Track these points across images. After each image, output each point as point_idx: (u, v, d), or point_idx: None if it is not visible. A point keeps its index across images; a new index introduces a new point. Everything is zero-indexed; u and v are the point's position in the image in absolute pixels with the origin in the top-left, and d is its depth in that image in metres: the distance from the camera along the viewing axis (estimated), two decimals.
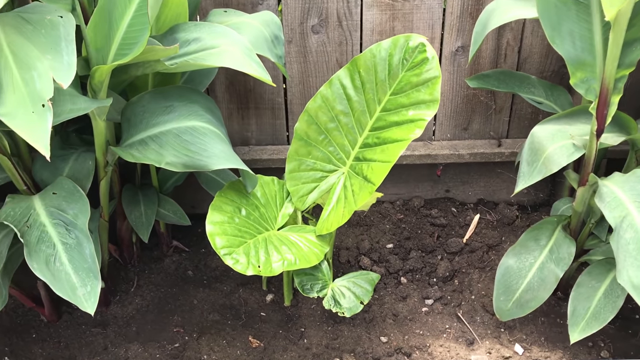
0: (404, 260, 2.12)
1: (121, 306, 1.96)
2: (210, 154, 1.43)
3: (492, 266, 2.09)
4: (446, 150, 2.17)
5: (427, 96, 1.50)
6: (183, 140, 1.45)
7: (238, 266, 1.42)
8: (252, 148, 2.20)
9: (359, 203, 1.51)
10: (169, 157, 1.42)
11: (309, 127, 1.64)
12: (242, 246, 1.47)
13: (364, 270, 1.65)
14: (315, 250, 1.59)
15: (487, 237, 2.19)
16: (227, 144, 1.49)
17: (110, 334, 1.87)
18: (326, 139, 1.65)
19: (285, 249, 1.53)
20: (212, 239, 1.44)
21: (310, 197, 1.69)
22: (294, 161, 1.66)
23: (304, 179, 1.67)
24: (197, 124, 1.47)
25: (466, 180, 2.31)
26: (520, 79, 1.86)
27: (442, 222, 2.25)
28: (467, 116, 2.17)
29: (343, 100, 1.61)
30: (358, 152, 1.62)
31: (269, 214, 1.63)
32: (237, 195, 1.58)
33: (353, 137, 1.63)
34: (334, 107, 1.62)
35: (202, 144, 1.45)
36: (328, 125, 1.64)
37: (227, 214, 1.52)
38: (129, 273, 2.08)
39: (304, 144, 1.65)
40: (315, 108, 1.62)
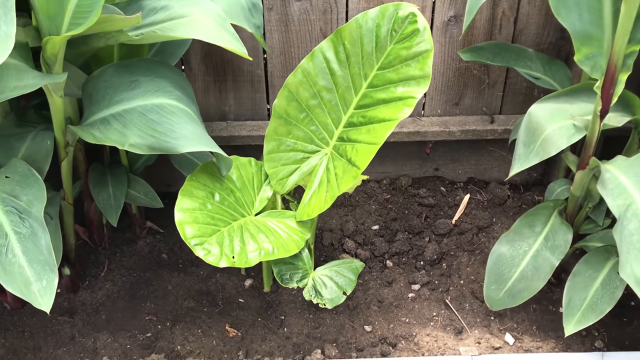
0: (390, 242, 2.02)
1: (90, 292, 1.85)
2: (179, 135, 1.30)
3: (482, 249, 2.00)
4: (436, 127, 2.05)
5: (418, 72, 1.37)
6: (149, 120, 1.31)
7: (210, 257, 1.30)
8: (230, 124, 2.07)
9: (343, 188, 1.39)
10: (133, 138, 1.29)
11: (288, 104, 1.51)
12: (215, 235, 1.35)
13: (347, 258, 1.54)
14: (296, 238, 1.47)
15: (477, 218, 2.09)
16: (198, 123, 1.36)
17: (78, 323, 1.76)
18: (308, 117, 1.53)
19: (263, 237, 1.42)
20: (182, 228, 1.32)
21: (290, 179, 1.57)
22: (273, 141, 1.53)
23: (283, 160, 1.55)
24: (165, 102, 1.34)
25: (456, 159, 2.20)
26: (516, 52, 1.74)
27: (430, 202, 2.15)
28: (458, 91, 2.05)
29: (326, 75, 1.48)
30: (342, 131, 1.50)
31: (246, 198, 1.51)
32: (210, 179, 1.45)
33: (337, 115, 1.51)
34: (316, 83, 1.49)
35: (170, 123, 1.31)
36: (310, 102, 1.51)
37: (198, 200, 1.39)
38: (99, 256, 1.96)
39: (284, 122, 1.52)
40: (296, 83, 1.49)
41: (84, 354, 1.67)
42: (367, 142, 1.40)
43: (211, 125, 2.06)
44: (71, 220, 1.71)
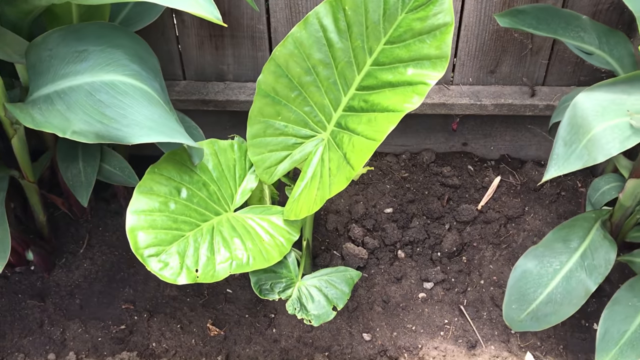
0: (404, 229, 1.77)
1: (66, 271, 1.68)
2: (131, 122, 1.06)
3: (509, 243, 1.73)
4: (466, 98, 1.75)
5: (433, 50, 1.09)
6: (97, 101, 1.08)
7: (166, 272, 1.09)
8: (228, 85, 1.81)
9: (334, 189, 1.14)
10: (78, 123, 1.06)
11: (276, 81, 1.24)
12: (176, 242, 1.13)
13: (341, 266, 1.31)
14: (280, 240, 1.24)
15: (506, 205, 1.81)
16: (160, 105, 1.12)
17: (49, 307, 1.59)
18: (300, 96, 1.26)
19: (238, 242, 1.19)
20: (133, 236, 1.10)
21: (280, 167, 1.32)
22: (258, 124, 1.28)
23: (271, 145, 1.30)
24: (117, 79, 1.09)
25: (488, 133, 1.90)
26: (566, 18, 1.41)
27: (454, 182, 1.87)
28: (495, 56, 1.73)
29: (323, 46, 1.21)
30: (341, 116, 1.23)
31: (223, 191, 1.28)
32: (177, 171, 1.22)
33: (335, 95, 1.24)
34: (311, 55, 1.22)
35: (122, 106, 1.07)
36: (303, 79, 1.24)
37: (159, 199, 1.17)
38: (79, 229, 1.78)
39: (271, 101, 1.26)
40: (286, 55, 1.22)
41: (49, 346, 1.51)
42: (366, 135, 1.13)
43: (207, 86, 1.81)
44: (36, 197, 1.52)
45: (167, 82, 1.81)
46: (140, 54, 1.16)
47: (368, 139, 1.12)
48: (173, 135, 1.09)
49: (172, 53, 1.78)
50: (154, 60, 1.20)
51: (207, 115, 1.86)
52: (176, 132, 1.11)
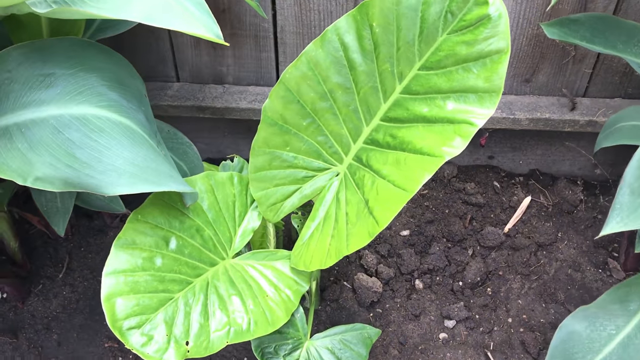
0: (423, 254, 1.58)
1: (43, 300, 1.49)
2: (107, 167, 0.86)
3: (539, 274, 1.55)
4: (497, 111, 1.54)
5: (482, 82, 0.88)
6: (65, 140, 0.87)
7: (150, 349, 0.90)
8: (227, 89, 1.60)
9: (353, 243, 0.95)
10: (41, 167, 0.86)
11: (286, 107, 1.04)
12: (163, 308, 0.94)
13: (358, 324, 1.12)
14: (287, 294, 1.05)
15: (537, 230, 1.62)
16: (144, 143, 0.91)
17: (22, 344, 1.41)
18: (313, 124, 1.06)
19: (237, 301, 1.00)
20: (109, 306, 0.91)
21: (287, 204, 1.12)
22: (262, 155, 1.08)
23: (277, 179, 1.10)
24: (91, 112, 0.89)
25: (518, 146, 1.70)
26: (628, 31, 1.19)
27: (478, 200, 1.68)
28: (532, 64, 1.52)
29: (343, 68, 1.00)
30: (362, 149, 1.03)
31: (221, 234, 1.08)
32: (164, 215, 1.01)
33: (355, 124, 1.03)
34: (328, 78, 1.01)
35: (96, 148, 0.87)
36: (317, 105, 1.03)
37: (142, 254, 0.97)
38: (59, 250, 1.58)
39: (278, 130, 1.06)
40: (298, 78, 1.01)
41: None
42: (393, 181, 0.93)
43: (204, 90, 1.59)
44: (5, 225, 1.32)
45: (159, 84, 1.60)
46: (120, 77, 0.95)
47: (396, 187, 0.92)
48: (161, 182, 0.89)
49: (164, 52, 1.56)
50: (138, 83, 0.99)
51: (203, 121, 1.65)
52: (165, 177, 0.91)
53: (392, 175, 0.94)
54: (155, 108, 1.57)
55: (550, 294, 1.51)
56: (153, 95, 1.57)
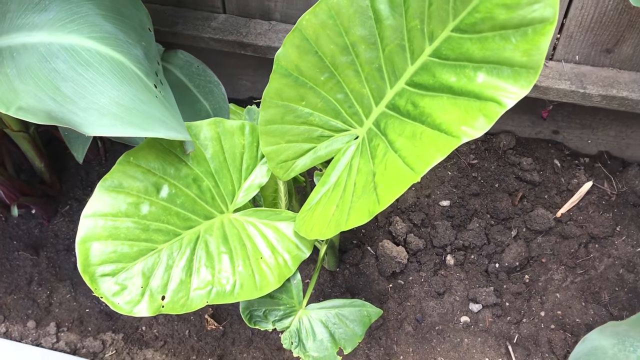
0: (460, 229, 1.46)
1: (68, 221, 1.50)
2: (90, 105, 0.80)
3: (586, 269, 1.40)
4: (566, 82, 1.36)
5: (519, 54, 0.74)
6: (51, 70, 0.81)
7: (120, 299, 0.85)
8: (274, 26, 1.50)
9: (352, 218, 0.85)
10: (26, 97, 0.81)
11: (302, 58, 0.93)
12: (143, 258, 0.89)
13: (358, 300, 1.03)
14: (284, 258, 0.98)
15: (593, 219, 1.45)
16: (136, 82, 0.84)
17: (42, 262, 1.43)
18: (333, 80, 0.94)
19: (226, 261, 0.93)
20: (83, 249, 0.87)
21: (299, 162, 1.04)
22: (274, 107, 0.98)
23: (290, 135, 1.01)
24: (79, 42, 0.82)
25: (588, 124, 1.52)
26: None
27: (533, 178, 1.52)
28: (617, 32, 1.31)
29: (368, 20, 0.87)
30: (382, 114, 0.92)
31: (223, 187, 1.01)
32: (160, 160, 0.95)
33: (378, 85, 0.92)
34: (351, 30, 0.89)
35: (81, 82, 0.81)
36: (337, 59, 0.92)
37: (128, 198, 0.91)
38: (90, 173, 1.58)
39: (293, 82, 0.95)
40: (316, 27, 0.90)
41: (32, 311, 1.35)
42: (404, 156, 0.82)
43: (248, 25, 1.50)
44: (27, 145, 1.31)
45: (204, 14, 1.51)
46: (119, 7, 0.87)
47: (405, 165, 0.80)
48: (148, 126, 0.82)
49: None
50: (142, 15, 0.91)
51: (248, 57, 1.56)
52: (155, 121, 0.83)
53: (404, 149, 0.83)
54: (197, 40, 1.49)
55: (594, 292, 1.36)
56: (196, 26, 1.49)
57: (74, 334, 1.31)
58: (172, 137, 0.85)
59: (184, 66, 1.28)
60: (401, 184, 0.79)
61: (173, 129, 0.86)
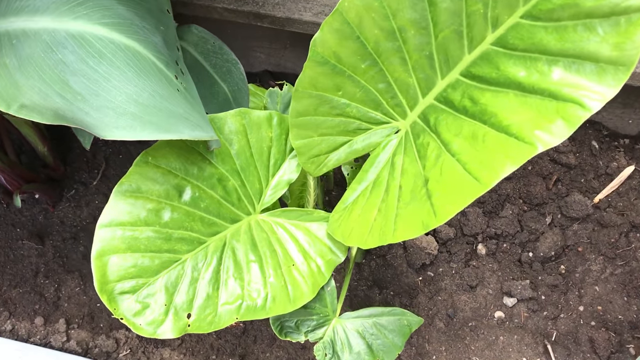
0: (492, 216, 1.38)
1: (74, 206, 1.40)
2: (104, 103, 0.69)
3: (627, 260, 1.32)
4: None
5: (608, 48, 0.63)
6: (58, 62, 0.70)
7: (142, 319, 0.76)
8: None
9: (400, 231, 0.76)
10: (29, 92, 0.70)
11: (341, 43, 0.82)
12: (166, 272, 0.80)
13: (397, 308, 0.95)
14: (318, 264, 0.89)
15: (635, 207, 1.37)
16: (156, 75, 0.73)
17: (49, 252, 1.34)
18: (374, 68, 0.84)
19: (256, 270, 0.84)
20: (100, 265, 0.77)
21: (332, 157, 0.94)
22: (308, 98, 0.87)
23: (323, 128, 0.90)
24: (91, 30, 0.71)
25: (631, 102, 1.41)
26: None
27: (569, 160, 1.42)
28: None
29: (420, 1, 0.76)
30: (431, 106, 0.81)
31: (249, 185, 0.91)
32: (181, 160, 0.85)
33: (427, 75, 0.81)
34: (399, 13, 0.77)
35: (93, 76, 0.70)
36: (382, 45, 0.81)
37: (148, 204, 0.81)
38: (97, 155, 1.48)
39: (330, 70, 0.84)
40: (359, 9, 0.78)
41: (39, 306, 1.27)
42: (465, 163, 0.72)
43: None
44: (27, 129, 1.20)
45: None
46: None
47: (467, 172, 0.70)
48: (171, 127, 0.72)
49: None
50: (165, 3, 0.79)
51: (263, 28, 1.44)
52: (178, 120, 0.73)
53: (464, 153, 0.73)
54: (210, 10, 1.37)
55: (637, 286, 1.28)
56: None
57: (85, 332, 1.23)
58: (198, 137, 0.74)
59: (199, 43, 1.16)
60: (463, 195, 0.69)
61: (198, 126, 0.75)
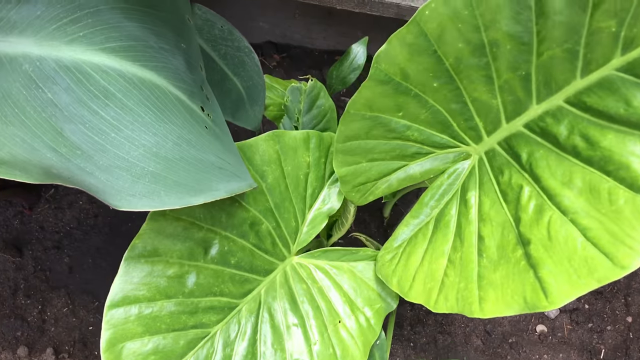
0: None
1: (55, 208, 1.22)
2: (114, 162, 0.51)
3: None
4: None
5: None
6: (48, 103, 0.51)
7: None
8: None
9: (489, 305, 0.61)
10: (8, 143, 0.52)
11: (412, 59, 0.64)
12: (193, 353, 0.63)
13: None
14: (367, 316, 0.74)
15: None
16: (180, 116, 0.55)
17: (28, 264, 1.16)
18: (449, 87, 0.66)
19: (298, 335, 0.69)
20: (112, 355, 0.60)
21: (382, 184, 0.77)
22: (360, 121, 0.70)
23: (374, 153, 0.73)
24: (91, 59, 0.51)
25: None
26: None
27: None
28: None
29: (525, 10, 0.58)
30: (519, 134, 0.65)
31: (285, 224, 0.74)
32: (208, 204, 0.67)
33: (517, 97, 0.64)
34: (496, 24, 0.59)
35: (98, 125, 0.51)
36: (464, 61, 0.63)
37: (168, 269, 0.64)
38: None
39: (392, 90, 0.67)
40: (444, 18, 0.60)
41: (21, 332, 1.10)
42: (585, 230, 0.56)
43: None
44: None
45: None
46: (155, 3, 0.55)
47: (592, 245, 0.55)
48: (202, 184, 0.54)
49: None
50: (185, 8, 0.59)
51: None
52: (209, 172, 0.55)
53: (582, 214, 0.57)
54: None
55: None
56: None
57: None
58: (236, 191, 0.57)
59: (204, 28, 0.96)
60: (589, 276, 0.54)
61: (234, 176, 0.58)
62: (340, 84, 1.07)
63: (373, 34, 1.29)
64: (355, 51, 1.06)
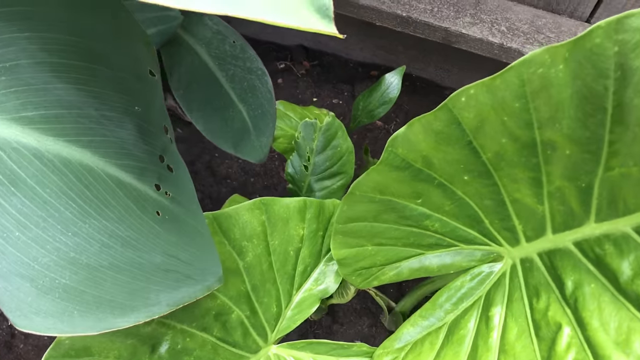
0: None
1: None
2: (13, 268, 0.38)
3: None
4: None
5: None
6: None
7: None
8: None
9: None
10: None
11: (439, 148, 0.49)
12: None
13: None
14: None
15: None
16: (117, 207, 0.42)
17: None
18: (484, 182, 0.51)
19: None
20: None
21: (390, 270, 0.63)
22: (366, 203, 0.56)
23: (383, 237, 0.60)
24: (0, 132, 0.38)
25: None
26: None
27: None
28: None
29: (598, 112, 0.42)
30: (565, 251, 0.50)
31: (264, 309, 0.61)
32: None
33: (570, 209, 0.49)
34: (552, 123, 0.44)
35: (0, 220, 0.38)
36: (506, 157, 0.49)
37: None
38: None
39: (409, 176, 0.52)
40: (486, 108, 0.45)
41: None
42: None
43: None
44: None
45: None
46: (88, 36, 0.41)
47: None
48: (140, 298, 0.42)
49: None
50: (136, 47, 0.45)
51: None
52: (153, 279, 0.43)
53: None
54: None
55: None
56: None
57: None
58: (186, 300, 0.44)
59: (213, 41, 0.82)
60: None
61: (186, 278, 0.44)
62: (367, 118, 0.93)
63: (415, 52, 1.13)
64: (389, 82, 0.91)
